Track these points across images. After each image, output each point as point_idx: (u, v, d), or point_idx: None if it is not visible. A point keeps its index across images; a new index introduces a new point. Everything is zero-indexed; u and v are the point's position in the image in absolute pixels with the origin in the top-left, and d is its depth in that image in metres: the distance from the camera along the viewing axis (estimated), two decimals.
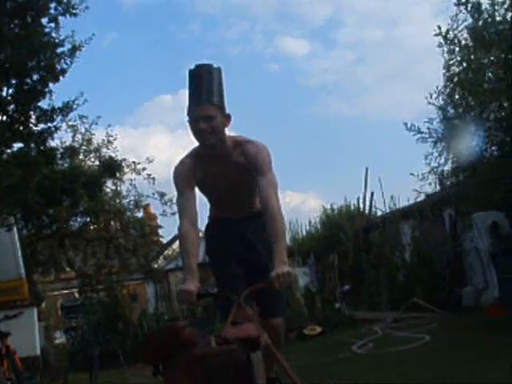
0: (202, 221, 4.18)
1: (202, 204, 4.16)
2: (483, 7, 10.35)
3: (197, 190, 3.97)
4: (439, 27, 10.64)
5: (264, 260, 3.83)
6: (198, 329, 2.98)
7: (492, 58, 10.42)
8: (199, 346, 2.89)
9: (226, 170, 3.88)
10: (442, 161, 11.25)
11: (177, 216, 3.87)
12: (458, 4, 10.45)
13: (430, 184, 11.47)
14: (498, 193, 10.49)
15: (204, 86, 3.76)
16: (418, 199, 13.34)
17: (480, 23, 10.32)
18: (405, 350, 7.96)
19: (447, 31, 10.63)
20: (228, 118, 3.83)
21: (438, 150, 11.14)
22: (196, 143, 3.87)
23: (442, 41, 10.65)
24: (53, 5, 9.59)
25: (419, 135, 11.07)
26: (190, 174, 3.87)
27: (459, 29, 10.60)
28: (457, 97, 10.94)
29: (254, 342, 3.04)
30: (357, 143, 36.68)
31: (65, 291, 22.83)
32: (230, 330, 3.13)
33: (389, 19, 44.17)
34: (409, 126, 11.12)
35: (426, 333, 8.87)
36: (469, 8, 10.38)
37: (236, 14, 44.19)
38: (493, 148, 10.85)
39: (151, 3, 43.42)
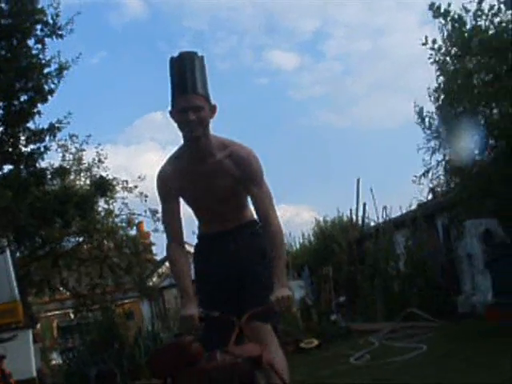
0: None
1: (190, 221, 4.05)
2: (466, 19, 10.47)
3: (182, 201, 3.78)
4: (426, 37, 10.73)
5: (258, 278, 3.70)
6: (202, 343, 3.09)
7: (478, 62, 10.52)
8: (205, 360, 3.01)
9: (208, 170, 3.62)
10: (434, 163, 11.31)
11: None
12: (436, 16, 10.56)
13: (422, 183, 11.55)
14: (491, 200, 10.51)
15: (189, 75, 3.52)
16: (411, 208, 13.38)
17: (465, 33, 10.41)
18: (402, 360, 7.93)
19: (434, 40, 10.70)
20: (214, 108, 3.61)
21: (432, 148, 11.17)
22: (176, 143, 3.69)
23: (431, 51, 10.72)
24: (39, 27, 9.60)
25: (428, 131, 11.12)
26: (171, 180, 3.65)
27: (444, 37, 10.70)
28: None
29: (257, 360, 3.09)
30: (348, 154, 36.82)
31: (60, 312, 22.76)
32: (234, 350, 3.12)
33: (375, 30, 44.47)
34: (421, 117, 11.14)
35: (423, 342, 8.85)
36: (448, 19, 10.49)
37: (223, 28, 44.37)
38: (484, 154, 10.89)
39: (138, 21, 43.60)
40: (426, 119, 11.15)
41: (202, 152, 3.61)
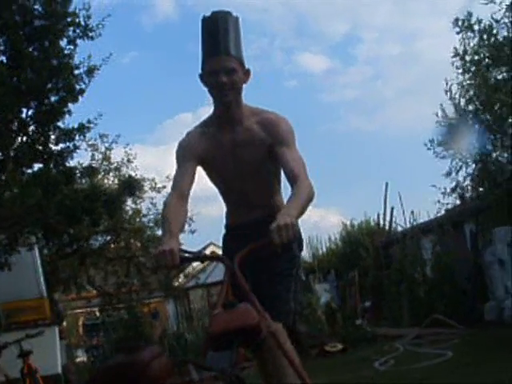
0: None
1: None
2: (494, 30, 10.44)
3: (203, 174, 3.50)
4: (456, 49, 10.75)
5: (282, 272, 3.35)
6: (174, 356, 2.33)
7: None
8: (173, 381, 2.20)
9: (236, 138, 3.37)
10: (461, 178, 11.28)
11: (197, 234, 3.49)
12: (460, 32, 10.56)
13: (451, 195, 11.51)
14: None
15: (221, 35, 3.28)
16: (439, 214, 13.30)
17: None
18: (427, 366, 7.88)
19: (464, 52, 10.69)
20: (248, 73, 3.39)
21: (458, 164, 11.16)
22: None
23: (458, 62, 10.74)
24: (71, 28, 9.73)
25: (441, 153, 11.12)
26: (194, 145, 3.40)
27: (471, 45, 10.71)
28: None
29: (254, 332, 2.45)
30: (377, 158, 36.60)
31: (86, 309, 22.94)
32: (221, 317, 2.52)
33: (406, 34, 44.23)
34: (429, 145, 11.17)
35: (448, 349, 8.78)
36: (476, 31, 10.47)
37: (254, 30, 44.43)
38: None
39: (169, 22, 43.79)
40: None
41: (231, 119, 3.38)
